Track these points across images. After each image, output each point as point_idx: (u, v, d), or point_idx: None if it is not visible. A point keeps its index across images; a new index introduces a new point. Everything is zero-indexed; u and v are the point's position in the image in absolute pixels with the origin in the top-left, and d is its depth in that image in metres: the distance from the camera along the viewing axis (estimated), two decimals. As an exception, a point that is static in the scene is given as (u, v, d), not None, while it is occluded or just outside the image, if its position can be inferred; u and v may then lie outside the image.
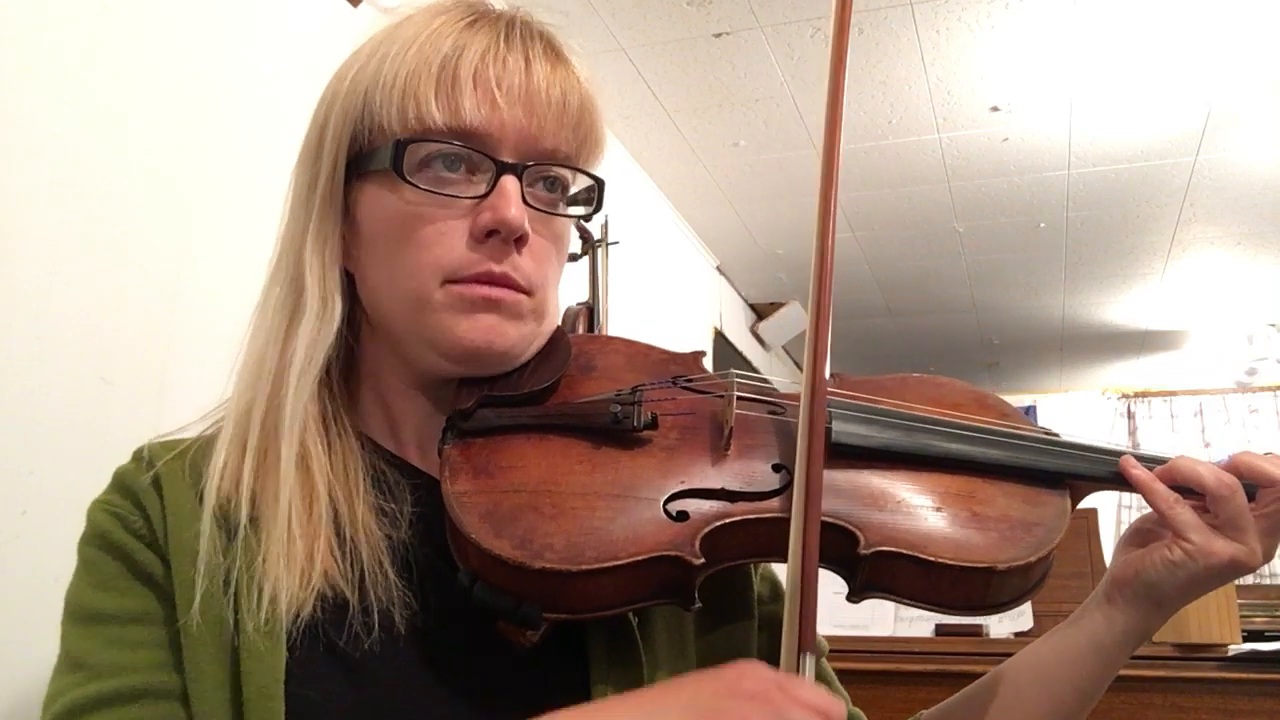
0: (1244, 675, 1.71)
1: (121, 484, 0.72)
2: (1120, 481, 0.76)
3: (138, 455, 0.74)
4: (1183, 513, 0.72)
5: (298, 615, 0.64)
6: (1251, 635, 2.20)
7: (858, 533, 0.68)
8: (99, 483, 0.74)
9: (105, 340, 1.37)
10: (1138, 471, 0.74)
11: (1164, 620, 0.77)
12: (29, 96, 1.29)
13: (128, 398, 1.39)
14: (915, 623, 2.12)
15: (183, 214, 1.53)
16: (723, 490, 0.69)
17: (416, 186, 0.69)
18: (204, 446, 0.73)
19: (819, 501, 0.64)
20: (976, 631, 2.04)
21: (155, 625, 0.66)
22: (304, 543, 0.66)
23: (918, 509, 0.71)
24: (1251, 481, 0.73)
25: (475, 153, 0.70)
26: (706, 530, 0.66)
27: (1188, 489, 0.73)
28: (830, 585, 0.67)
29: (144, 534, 0.68)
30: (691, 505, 0.68)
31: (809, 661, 0.60)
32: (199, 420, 0.76)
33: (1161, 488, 0.73)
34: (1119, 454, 0.76)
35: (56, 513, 1.22)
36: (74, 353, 1.32)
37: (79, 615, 0.67)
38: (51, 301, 1.29)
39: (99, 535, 0.69)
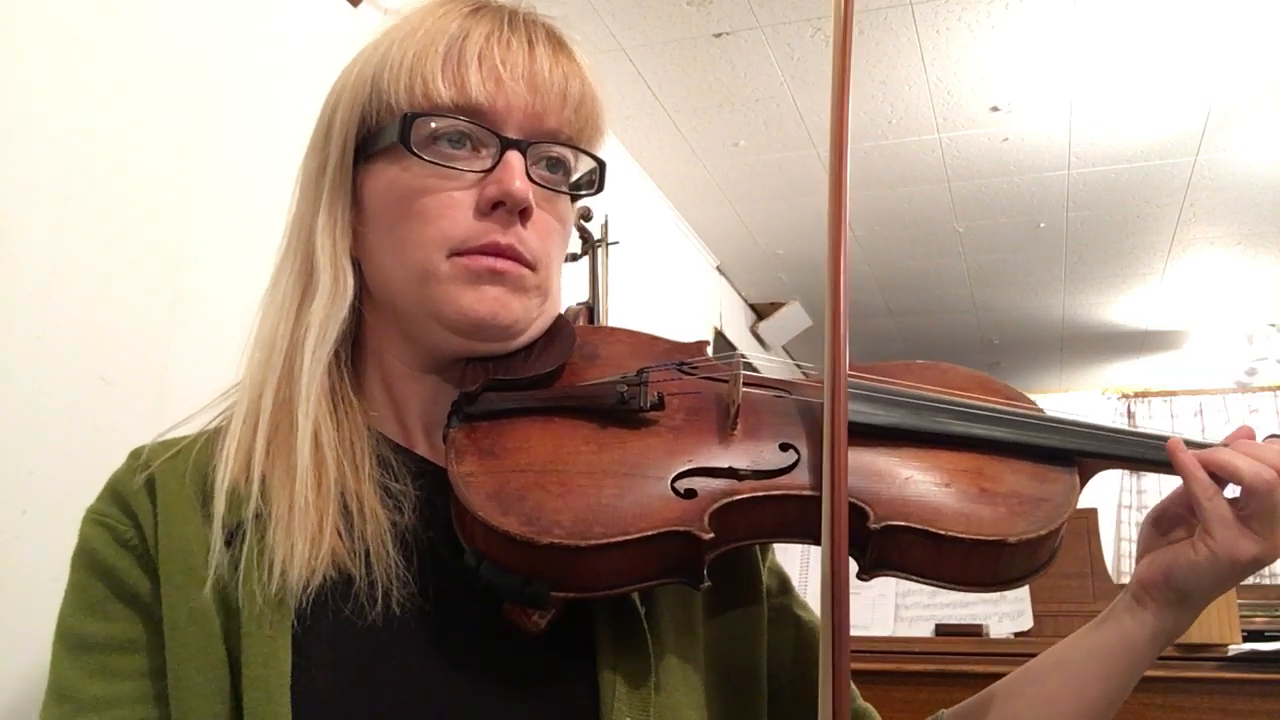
0: (1244, 675, 1.71)
1: (113, 490, 0.72)
2: (1137, 462, 0.76)
3: (135, 455, 0.74)
4: (1220, 505, 0.71)
5: (307, 585, 0.65)
6: (1251, 635, 2.20)
7: (867, 508, 0.68)
8: (99, 483, 0.74)
9: (105, 340, 1.37)
10: (1185, 456, 0.73)
11: (1195, 617, 0.77)
12: (29, 97, 1.29)
13: (128, 398, 1.39)
14: (915, 623, 2.12)
15: (183, 214, 1.53)
16: (730, 469, 0.69)
17: (423, 159, 0.71)
18: (208, 442, 0.73)
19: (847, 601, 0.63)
20: (976, 631, 2.04)
21: (140, 652, 0.67)
22: (315, 514, 0.67)
23: (927, 485, 0.71)
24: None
25: (481, 128, 0.71)
26: (715, 507, 0.66)
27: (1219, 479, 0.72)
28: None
29: (133, 544, 0.69)
30: (699, 483, 0.68)
31: None
32: (207, 408, 0.77)
33: (1204, 476, 0.72)
34: (1164, 438, 0.75)
35: (56, 513, 1.22)
36: (74, 353, 1.32)
37: (67, 640, 0.68)
38: (51, 301, 1.29)
39: (87, 553, 0.70)
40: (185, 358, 1.47)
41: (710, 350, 0.82)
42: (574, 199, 0.79)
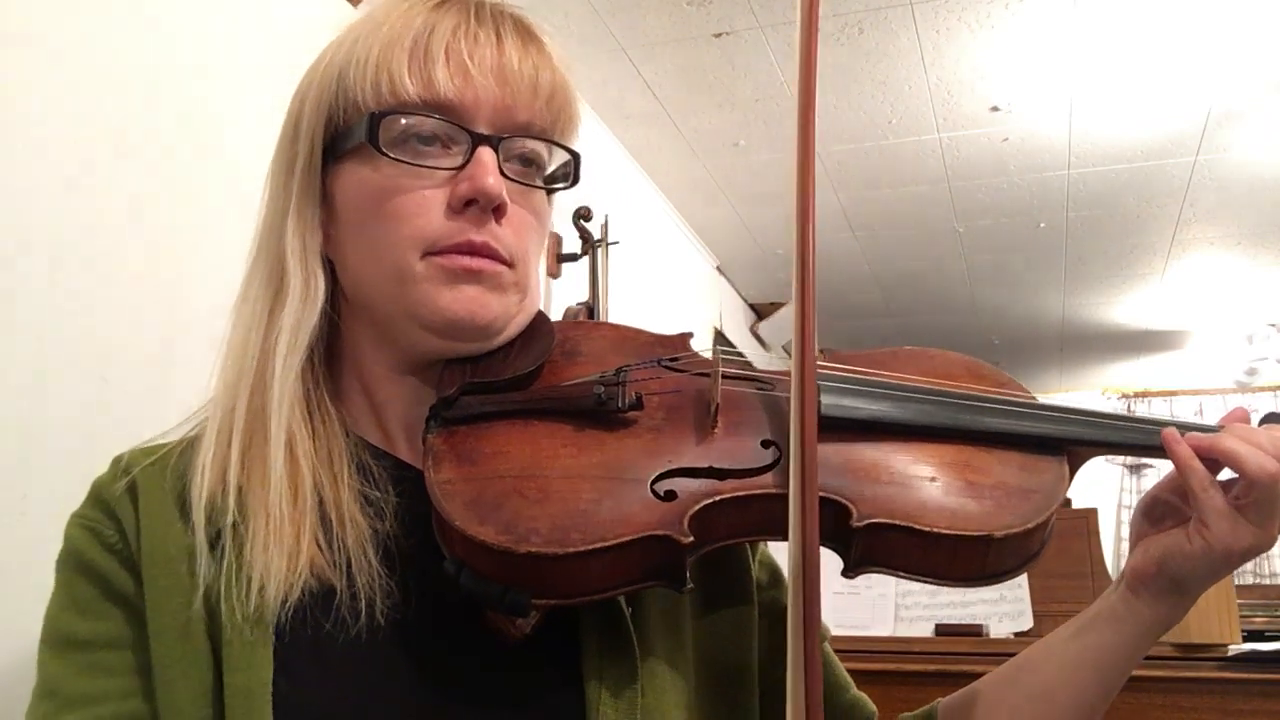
0: (1244, 675, 1.71)
1: (97, 496, 0.72)
2: (1129, 448, 0.74)
3: (115, 462, 0.74)
4: (1215, 497, 0.69)
5: (285, 600, 0.64)
6: (1251, 635, 2.20)
7: (850, 505, 0.67)
8: (98, 483, 0.74)
9: (105, 340, 1.37)
10: (1181, 448, 0.71)
11: (1189, 606, 0.75)
12: (29, 97, 1.29)
13: (128, 397, 1.39)
14: (915, 623, 2.12)
15: (183, 214, 1.53)
16: (710, 468, 0.68)
17: (392, 158, 0.69)
18: (187, 448, 0.72)
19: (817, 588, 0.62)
20: (976, 631, 2.04)
21: (127, 650, 0.67)
22: (291, 528, 0.66)
23: (911, 479, 0.70)
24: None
25: (450, 124, 0.70)
26: (695, 509, 0.65)
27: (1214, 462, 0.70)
28: (830, 584, 0.67)
29: (118, 547, 0.68)
30: (679, 484, 0.67)
31: None
32: (183, 423, 0.76)
33: (1200, 468, 0.70)
34: (1158, 424, 0.73)
35: (56, 511, 1.22)
36: (74, 352, 1.32)
37: (55, 640, 0.68)
38: (51, 301, 1.29)
39: (74, 554, 0.69)
40: (185, 358, 1.47)
41: (699, 342, 0.80)
42: (550, 193, 0.77)
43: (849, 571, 0.69)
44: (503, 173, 0.70)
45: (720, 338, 4.87)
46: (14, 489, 1.22)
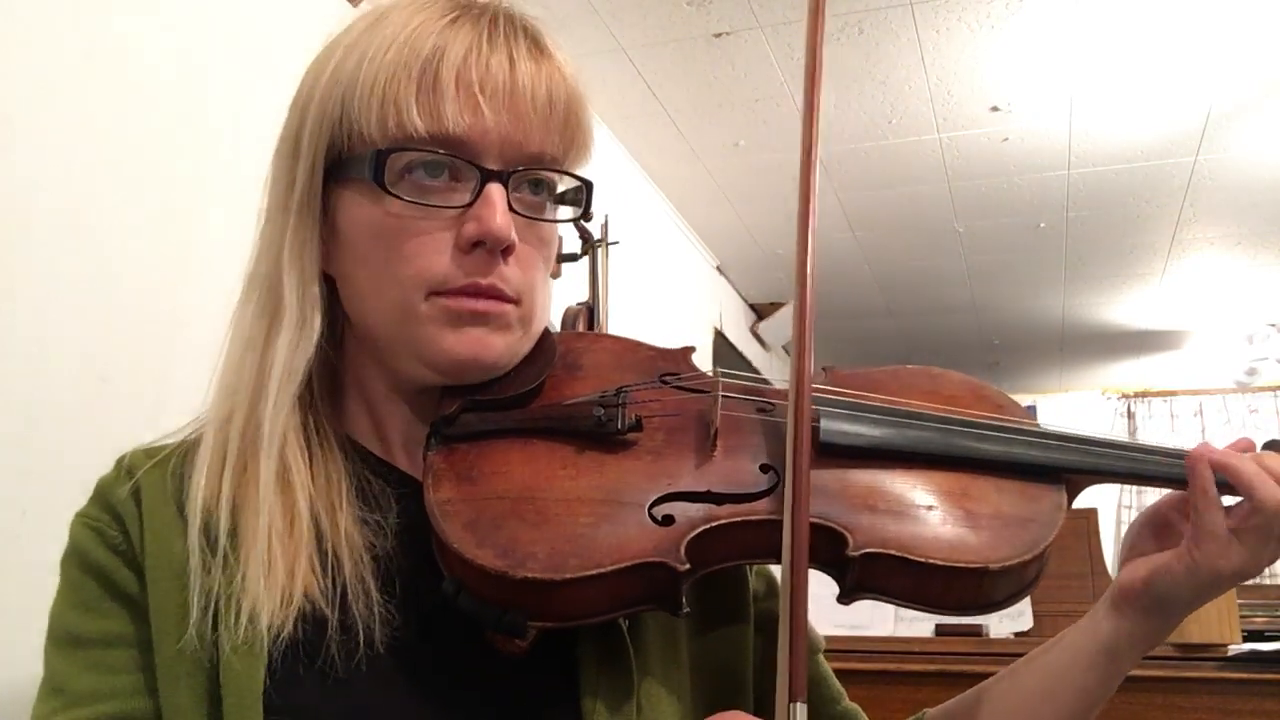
0: (1244, 675, 1.70)
1: (101, 496, 0.71)
2: (1132, 478, 0.74)
3: (119, 463, 0.73)
4: (1217, 518, 0.70)
5: (278, 634, 0.63)
6: (1251, 635, 2.20)
7: (846, 534, 0.66)
8: (98, 483, 0.74)
9: (105, 340, 1.37)
10: (1205, 468, 0.70)
11: (1173, 627, 0.75)
12: (29, 96, 1.29)
13: (127, 397, 1.39)
14: (915, 623, 2.11)
15: (182, 214, 1.53)
16: (709, 493, 0.68)
17: (399, 198, 0.67)
18: (186, 453, 0.72)
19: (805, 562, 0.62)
20: (976, 631, 2.04)
21: (132, 648, 0.66)
22: (284, 560, 0.65)
23: (908, 508, 0.70)
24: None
25: (459, 160, 0.68)
26: (693, 535, 0.64)
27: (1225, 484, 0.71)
28: (826, 585, 0.67)
29: (122, 548, 0.68)
30: (677, 509, 0.66)
31: (800, 711, 0.58)
32: (186, 426, 0.75)
33: (1214, 492, 0.70)
34: (1162, 452, 0.73)
35: (56, 513, 1.22)
36: (74, 353, 1.32)
37: (60, 638, 0.68)
38: (51, 301, 1.29)
39: (79, 553, 0.69)
40: (185, 357, 1.47)
41: (709, 359, 0.80)
42: (560, 221, 0.75)
43: (844, 598, 0.69)
44: (512, 207, 0.69)
45: (720, 338, 4.87)
46: (14, 489, 1.22)
